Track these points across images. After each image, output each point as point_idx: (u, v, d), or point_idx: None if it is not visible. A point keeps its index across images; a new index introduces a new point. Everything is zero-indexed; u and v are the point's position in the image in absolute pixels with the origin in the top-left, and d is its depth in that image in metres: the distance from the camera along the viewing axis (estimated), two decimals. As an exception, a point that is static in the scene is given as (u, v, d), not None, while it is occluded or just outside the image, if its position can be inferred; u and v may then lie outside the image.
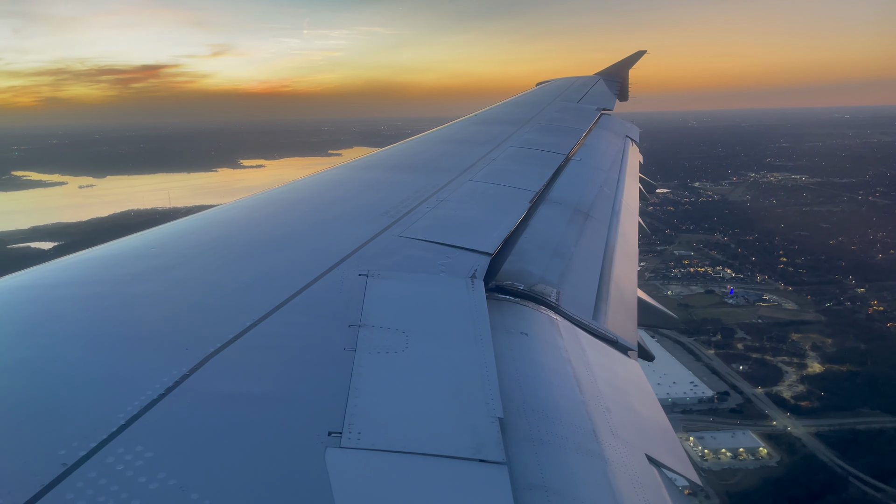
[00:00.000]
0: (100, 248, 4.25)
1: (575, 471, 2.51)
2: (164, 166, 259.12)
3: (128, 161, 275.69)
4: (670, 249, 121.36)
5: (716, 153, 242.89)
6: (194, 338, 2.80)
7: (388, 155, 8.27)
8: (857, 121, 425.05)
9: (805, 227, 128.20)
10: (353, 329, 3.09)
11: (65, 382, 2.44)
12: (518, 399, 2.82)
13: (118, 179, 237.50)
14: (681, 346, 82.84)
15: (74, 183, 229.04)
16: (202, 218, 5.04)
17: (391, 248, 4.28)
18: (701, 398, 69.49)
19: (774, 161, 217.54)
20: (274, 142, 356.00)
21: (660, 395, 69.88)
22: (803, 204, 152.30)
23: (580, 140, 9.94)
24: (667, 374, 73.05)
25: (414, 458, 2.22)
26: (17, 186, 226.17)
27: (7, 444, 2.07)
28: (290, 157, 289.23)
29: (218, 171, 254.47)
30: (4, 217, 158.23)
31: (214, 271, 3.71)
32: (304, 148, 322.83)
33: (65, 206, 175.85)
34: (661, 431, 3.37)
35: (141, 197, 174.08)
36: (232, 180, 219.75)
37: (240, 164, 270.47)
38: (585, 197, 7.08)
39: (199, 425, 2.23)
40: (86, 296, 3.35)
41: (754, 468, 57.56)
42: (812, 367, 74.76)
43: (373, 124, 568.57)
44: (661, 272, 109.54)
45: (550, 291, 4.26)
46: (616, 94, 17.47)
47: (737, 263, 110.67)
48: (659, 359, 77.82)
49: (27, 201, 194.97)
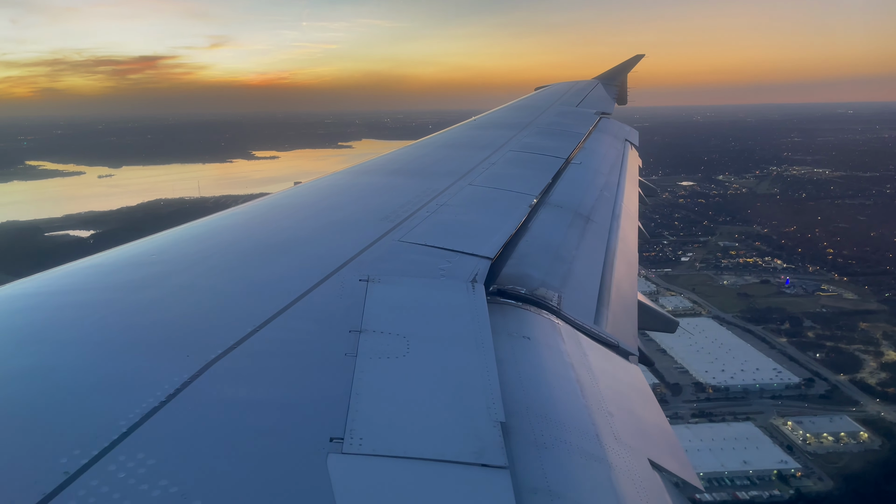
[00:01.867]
0: (100, 255, 4.25)
1: (578, 475, 2.50)
2: (176, 157, 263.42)
3: (139, 151, 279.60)
4: (714, 240, 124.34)
5: (730, 147, 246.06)
6: (195, 344, 2.80)
7: (387, 160, 8.28)
8: (861, 116, 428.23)
9: (842, 219, 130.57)
10: (354, 334, 3.08)
11: (66, 390, 2.44)
12: (520, 403, 2.81)
13: (134, 169, 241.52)
14: (751, 334, 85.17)
15: (92, 173, 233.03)
16: (202, 224, 5.04)
17: (391, 253, 4.28)
18: (787, 384, 71.74)
19: (792, 155, 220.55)
20: (281, 133, 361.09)
21: (746, 381, 68.66)
22: (834, 197, 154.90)
23: (579, 144, 9.95)
24: (747, 361, 75.77)
25: (416, 463, 2.21)
26: (34, 176, 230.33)
27: (8, 452, 2.07)
28: (301, 149, 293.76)
29: (233, 162, 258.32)
30: (32, 206, 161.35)
31: (215, 277, 3.71)
32: (313, 140, 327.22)
33: (90, 195, 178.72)
34: (663, 436, 3.36)
35: (164, 187, 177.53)
36: (250, 170, 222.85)
37: (252, 155, 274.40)
38: (585, 200, 7.08)
39: (200, 432, 2.22)
40: (87, 303, 3.34)
41: (858, 451, 59.79)
42: (888, 355, 76.93)
43: (375, 117, 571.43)
44: (710, 262, 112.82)
45: (552, 295, 4.26)
46: (615, 97, 17.50)
47: (784, 254, 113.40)
48: (735, 346, 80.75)
49: (50, 190, 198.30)
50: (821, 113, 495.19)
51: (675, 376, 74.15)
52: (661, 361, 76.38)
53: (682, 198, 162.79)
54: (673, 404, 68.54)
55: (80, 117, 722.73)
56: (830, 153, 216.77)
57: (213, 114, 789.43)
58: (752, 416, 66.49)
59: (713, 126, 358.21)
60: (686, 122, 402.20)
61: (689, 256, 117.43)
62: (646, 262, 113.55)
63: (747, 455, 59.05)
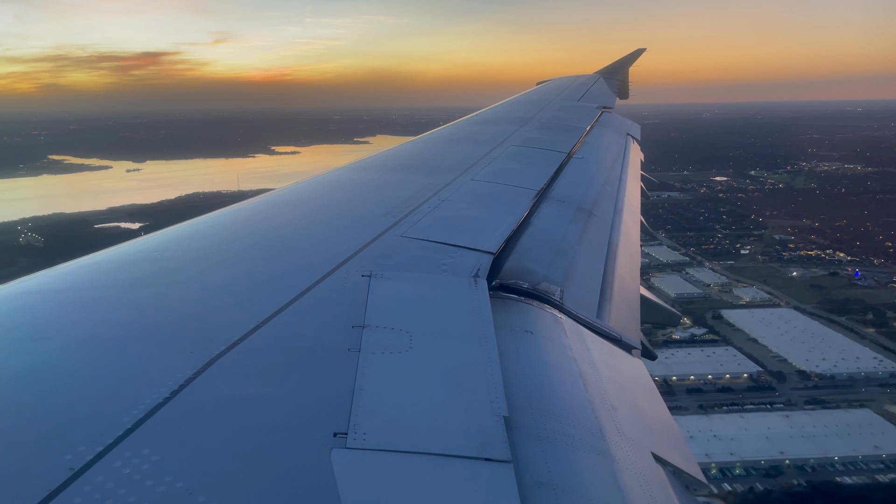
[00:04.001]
0: (103, 252, 4.26)
1: (581, 469, 2.51)
2: (197, 152, 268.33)
3: (158, 147, 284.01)
4: (768, 234, 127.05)
5: (751, 143, 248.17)
6: (198, 340, 2.81)
7: (389, 155, 8.27)
8: (873, 114, 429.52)
9: (888, 213, 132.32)
10: (357, 330, 3.09)
11: (70, 387, 2.44)
12: (523, 397, 2.82)
13: (159, 164, 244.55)
14: (836, 324, 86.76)
15: (118, 167, 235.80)
16: (204, 221, 5.04)
17: (394, 249, 4.28)
18: (892, 372, 72.95)
19: (818, 151, 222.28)
20: (293, 130, 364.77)
21: (850, 369, 70.17)
22: (874, 192, 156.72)
23: (581, 138, 9.93)
24: (844, 350, 77.20)
25: (419, 457, 2.22)
26: (61, 170, 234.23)
27: (14, 449, 2.08)
28: (319, 145, 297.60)
29: (255, 157, 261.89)
30: (71, 198, 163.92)
31: (218, 274, 3.71)
32: (328, 136, 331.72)
33: (124, 188, 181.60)
34: (666, 430, 3.36)
35: (196, 181, 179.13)
36: (275, 165, 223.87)
37: (272, 150, 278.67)
38: (588, 195, 7.07)
39: (204, 428, 2.23)
40: (90, 300, 3.35)
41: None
42: None
43: (384, 113, 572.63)
44: (772, 255, 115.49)
45: (554, 290, 4.26)
46: (616, 92, 17.45)
47: (844, 247, 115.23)
48: (826, 335, 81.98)
49: (82, 183, 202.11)
50: (830, 111, 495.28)
51: (775, 364, 76.11)
52: (756, 350, 78.87)
53: (721, 192, 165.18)
54: (782, 392, 71.00)
55: (83, 113, 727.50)
56: (855, 149, 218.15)
57: (219, 110, 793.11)
58: (865, 403, 67.92)
59: (725, 123, 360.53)
60: (695, 118, 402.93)
61: (748, 249, 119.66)
62: (706, 255, 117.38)
63: (875, 440, 60.34)
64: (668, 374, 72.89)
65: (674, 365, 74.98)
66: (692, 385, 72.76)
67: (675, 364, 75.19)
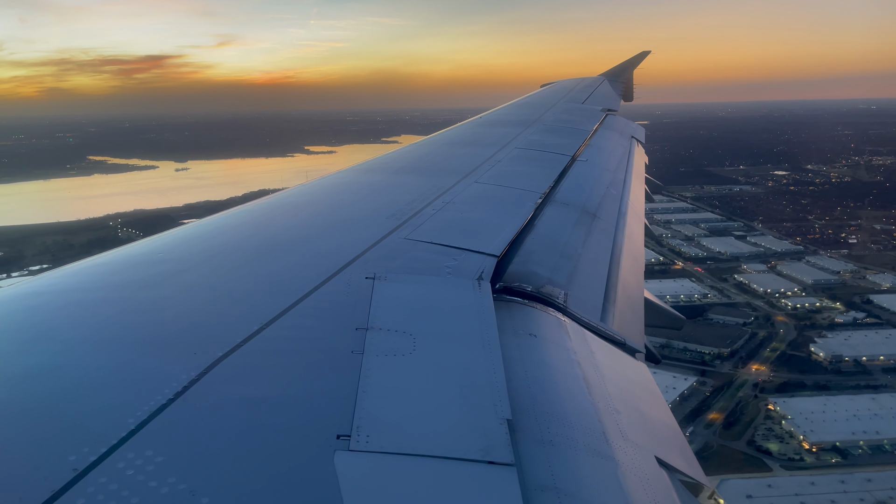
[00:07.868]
0: (107, 253, 4.27)
1: (585, 472, 2.50)
2: (234, 152, 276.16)
3: (193, 147, 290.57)
4: (867, 223, 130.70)
5: (786, 139, 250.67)
6: (203, 342, 2.81)
7: (393, 158, 8.28)
8: (889, 111, 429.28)
9: None
10: (361, 332, 3.09)
11: (74, 388, 2.45)
12: (527, 401, 2.81)
13: (202, 164, 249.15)
14: None
15: (164, 167, 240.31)
16: (209, 223, 5.05)
17: (397, 251, 4.28)
18: None
19: (861, 146, 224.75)
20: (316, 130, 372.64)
21: None
22: None
23: (586, 141, 9.92)
24: None
25: (422, 460, 2.21)
26: (108, 170, 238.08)
27: (17, 449, 2.08)
28: (353, 144, 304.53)
29: (294, 157, 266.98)
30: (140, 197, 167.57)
31: (222, 276, 3.72)
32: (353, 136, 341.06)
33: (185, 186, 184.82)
34: (670, 434, 3.35)
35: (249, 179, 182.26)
36: (319, 164, 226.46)
37: (307, 150, 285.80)
38: (592, 198, 7.06)
39: (208, 429, 2.23)
40: (94, 301, 3.36)
41: None
42: None
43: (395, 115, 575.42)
44: (886, 244, 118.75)
45: (558, 293, 4.25)
46: (621, 94, 17.42)
47: None
48: None
49: (139, 182, 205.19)
50: (846, 108, 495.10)
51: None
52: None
53: (790, 185, 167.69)
54: None
55: (88, 116, 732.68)
56: None
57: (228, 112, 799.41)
58: None
59: (747, 121, 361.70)
60: (712, 116, 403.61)
61: (855, 238, 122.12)
62: (813, 243, 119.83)
63: None
64: (856, 355, 75.11)
65: (859, 346, 77.56)
66: (884, 365, 74.48)
67: (859, 345, 77.78)
